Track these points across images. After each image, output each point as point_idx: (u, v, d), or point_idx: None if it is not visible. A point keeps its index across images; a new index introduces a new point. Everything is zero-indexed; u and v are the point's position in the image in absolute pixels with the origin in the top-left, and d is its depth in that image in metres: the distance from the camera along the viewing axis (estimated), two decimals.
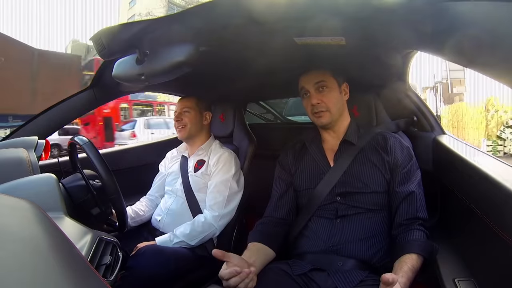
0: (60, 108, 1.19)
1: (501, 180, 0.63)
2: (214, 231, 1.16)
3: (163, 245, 1.12)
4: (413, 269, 0.75)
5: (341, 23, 0.71)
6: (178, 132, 1.31)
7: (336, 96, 0.94)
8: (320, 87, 0.93)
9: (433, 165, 1.02)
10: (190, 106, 1.30)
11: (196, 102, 1.32)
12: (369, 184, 0.88)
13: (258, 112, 2.26)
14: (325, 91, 0.93)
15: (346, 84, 0.98)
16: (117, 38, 0.72)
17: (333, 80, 0.94)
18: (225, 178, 1.21)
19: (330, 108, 0.93)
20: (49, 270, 0.25)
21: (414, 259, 0.77)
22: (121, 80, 0.85)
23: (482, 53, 0.46)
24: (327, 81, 0.93)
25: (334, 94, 0.94)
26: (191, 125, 1.29)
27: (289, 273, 0.89)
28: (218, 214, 1.17)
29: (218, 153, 1.27)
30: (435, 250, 0.80)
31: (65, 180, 0.85)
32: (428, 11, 0.52)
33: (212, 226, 1.15)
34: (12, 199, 0.34)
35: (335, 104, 0.94)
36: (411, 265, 0.75)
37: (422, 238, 0.81)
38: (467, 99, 10.44)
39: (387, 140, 0.92)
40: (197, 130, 1.31)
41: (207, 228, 1.15)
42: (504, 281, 0.61)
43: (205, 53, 0.77)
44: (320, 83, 0.93)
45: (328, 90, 0.93)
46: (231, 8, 0.66)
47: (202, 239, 1.15)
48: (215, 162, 1.24)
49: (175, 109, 1.35)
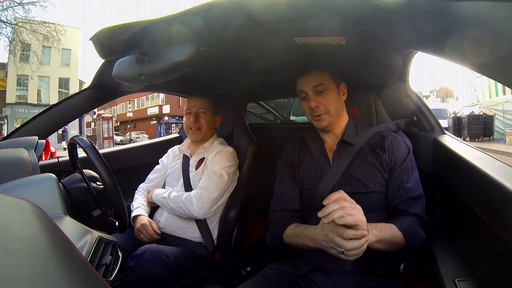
0: (60, 108, 1.19)
1: (501, 180, 0.63)
2: (191, 211, 1.14)
3: (156, 197, 1.21)
4: (387, 231, 0.78)
5: (341, 23, 0.71)
6: (192, 134, 1.28)
7: (334, 97, 0.94)
8: (319, 90, 0.93)
9: (433, 165, 1.02)
10: (207, 108, 1.28)
11: (211, 103, 1.30)
12: (368, 184, 0.88)
13: (258, 112, 2.27)
14: (323, 93, 0.93)
15: (344, 84, 0.98)
16: (117, 38, 0.72)
17: (331, 82, 0.94)
18: (217, 167, 1.21)
19: (329, 110, 0.93)
20: (49, 269, 0.25)
21: (393, 228, 0.79)
22: (121, 80, 0.85)
23: (482, 53, 0.46)
24: (325, 83, 0.93)
25: (332, 96, 0.93)
26: (207, 127, 1.28)
27: (289, 273, 0.89)
28: (200, 193, 1.16)
29: (217, 149, 1.27)
30: (419, 237, 0.82)
31: (65, 180, 0.85)
32: (428, 11, 0.52)
33: (191, 203, 1.14)
34: (12, 199, 0.34)
35: (333, 106, 0.93)
36: (387, 227, 0.79)
37: (410, 221, 0.83)
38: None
39: (385, 139, 0.92)
40: (210, 133, 1.31)
41: (187, 203, 1.14)
42: (504, 281, 0.61)
43: (205, 53, 0.77)
44: (318, 86, 0.92)
45: (327, 92, 0.93)
46: (231, 8, 0.66)
47: (180, 211, 1.16)
48: (212, 157, 1.24)
49: (186, 108, 1.31)
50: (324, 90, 0.92)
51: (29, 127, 1.13)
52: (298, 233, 0.86)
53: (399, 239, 0.79)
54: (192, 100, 1.31)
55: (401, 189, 0.86)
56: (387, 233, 0.78)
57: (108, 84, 1.17)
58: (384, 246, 0.77)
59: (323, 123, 0.93)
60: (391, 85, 1.15)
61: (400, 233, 0.79)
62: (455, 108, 15.44)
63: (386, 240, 0.77)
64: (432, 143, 1.04)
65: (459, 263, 0.76)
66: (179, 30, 0.70)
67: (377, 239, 0.75)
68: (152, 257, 0.99)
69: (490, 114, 11.52)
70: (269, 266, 0.93)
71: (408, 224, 0.82)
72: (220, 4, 0.64)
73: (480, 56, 0.47)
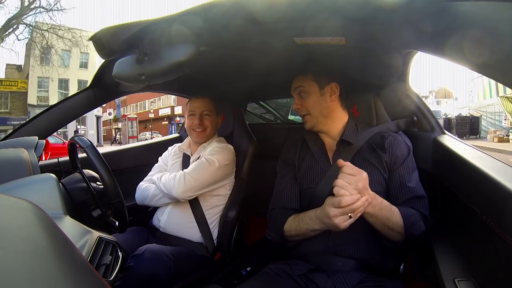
0: (60, 108, 1.19)
1: (501, 180, 0.63)
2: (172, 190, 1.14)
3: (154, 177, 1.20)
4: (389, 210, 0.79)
5: (341, 23, 0.71)
6: (197, 135, 1.27)
7: (315, 99, 0.95)
8: (301, 92, 0.96)
9: (433, 165, 1.02)
10: (210, 109, 1.28)
11: (214, 104, 1.29)
12: (368, 184, 0.88)
13: (258, 112, 2.26)
14: (303, 96, 0.96)
15: (336, 84, 0.96)
16: (117, 38, 0.72)
17: (312, 84, 0.95)
18: (210, 157, 1.21)
19: (310, 112, 0.95)
20: (49, 270, 0.25)
21: (395, 211, 0.80)
22: (121, 80, 0.85)
23: (482, 53, 0.46)
24: (305, 85, 0.95)
25: (312, 98, 0.95)
26: (211, 129, 1.28)
27: (289, 273, 0.89)
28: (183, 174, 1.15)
29: (213, 145, 1.27)
30: (419, 227, 0.82)
31: (65, 180, 0.85)
32: (428, 11, 0.52)
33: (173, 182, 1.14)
34: (12, 199, 0.34)
35: (315, 108, 0.95)
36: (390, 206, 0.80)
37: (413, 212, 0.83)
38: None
39: (385, 139, 0.92)
40: (213, 133, 1.31)
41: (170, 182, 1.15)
42: (505, 281, 0.61)
43: (205, 53, 0.77)
44: (298, 88, 0.96)
45: (307, 95, 0.95)
46: (231, 8, 0.66)
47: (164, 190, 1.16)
48: (209, 150, 1.25)
49: (189, 109, 1.30)
50: (304, 92, 0.95)
51: (29, 127, 1.13)
52: (300, 219, 0.87)
53: (397, 223, 0.79)
54: (195, 101, 1.30)
55: (404, 188, 0.86)
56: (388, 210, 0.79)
57: (108, 84, 1.17)
58: (379, 223, 0.79)
59: (307, 125, 0.97)
60: (391, 85, 1.15)
61: (400, 217, 0.80)
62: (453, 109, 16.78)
63: (382, 216, 0.78)
64: (432, 143, 1.04)
65: (459, 263, 0.76)
66: (179, 30, 0.70)
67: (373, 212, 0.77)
68: (152, 257, 0.99)
69: (477, 115, 13.27)
70: (269, 266, 0.93)
71: (411, 214, 0.82)
72: (220, 4, 0.64)
73: (480, 56, 0.47)
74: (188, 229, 1.21)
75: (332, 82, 0.96)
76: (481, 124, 13.07)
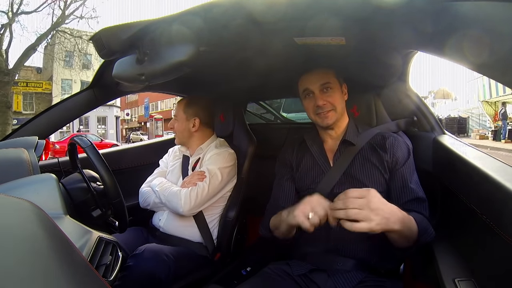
0: (60, 108, 1.19)
1: (501, 180, 0.63)
2: (177, 207, 1.14)
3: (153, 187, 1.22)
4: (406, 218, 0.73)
5: (341, 23, 0.71)
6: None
7: (339, 96, 0.95)
8: (325, 88, 0.94)
9: (433, 165, 1.02)
10: (176, 114, 1.30)
11: (184, 108, 1.28)
12: (368, 184, 0.88)
13: (258, 112, 2.26)
14: (329, 91, 0.94)
15: (345, 85, 0.99)
16: (117, 38, 0.72)
17: (336, 81, 0.96)
18: (213, 167, 1.21)
19: (336, 107, 0.94)
20: (49, 269, 0.25)
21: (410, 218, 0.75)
22: (121, 80, 0.85)
23: (482, 53, 0.46)
24: (331, 82, 0.94)
25: (338, 94, 0.95)
26: (178, 133, 1.30)
27: (290, 273, 0.89)
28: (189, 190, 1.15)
29: (213, 150, 1.27)
30: (430, 233, 0.79)
31: (65, 180, 0.85)
32: (428, 11, 0.52)
33: (179, 199, 1.14)
34: (12, 199, 0.34)
35: (340, 104, 0.95)
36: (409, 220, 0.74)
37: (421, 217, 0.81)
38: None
39: (386, 140, 0.92)
40: (185, 137, 1.30)
41: (176, 198, 1.14)
42: (504, 281, 0.61)
43: (205, 53, 0.77)
44: (325, 84, 0.94)
45: (333, 91, 0.94)
46: (231, 8, 0.66)
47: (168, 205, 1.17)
48: (210, 156, 1.24)
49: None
50: (330, 88, 0.94)
51: (29, 127, 1.13)
52: (279, 216, 0.88)
53: (414, 232, 0.76)
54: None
55: (406, 189, 0.86)
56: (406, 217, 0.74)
57: (108, 84, 1.17)
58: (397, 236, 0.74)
59: (329, 121, 0.94)
60: (391, 85, 1.15)
61: (415, 226, 0.76)
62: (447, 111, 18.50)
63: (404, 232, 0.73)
64: (432, 143, 1.04)
65: (459, 263, 0.76)
66: (179, 30, 0.70)
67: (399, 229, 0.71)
68: (152, 257, 0.99)
69: (465, 116, 15.40)
70: (269, 266, 0.93)
71: (421, 219, 0.80)
72: (220, 4, 0.64)
73: (480, 56, 0.47)
74: (188, 229, 1.21)
75: (344, 83, 0.98)
76: (469, 124, 15.10)
